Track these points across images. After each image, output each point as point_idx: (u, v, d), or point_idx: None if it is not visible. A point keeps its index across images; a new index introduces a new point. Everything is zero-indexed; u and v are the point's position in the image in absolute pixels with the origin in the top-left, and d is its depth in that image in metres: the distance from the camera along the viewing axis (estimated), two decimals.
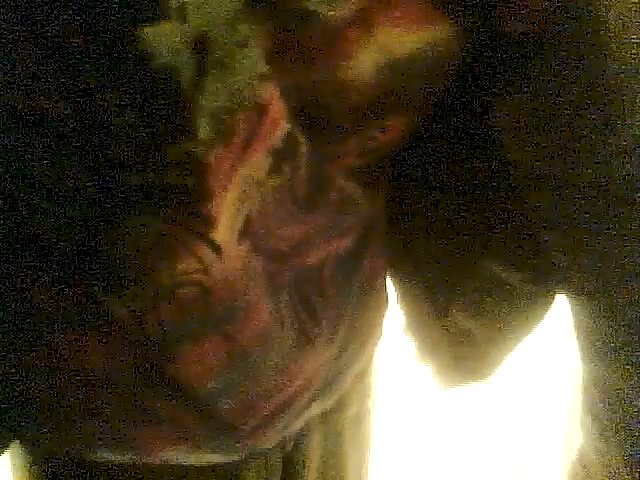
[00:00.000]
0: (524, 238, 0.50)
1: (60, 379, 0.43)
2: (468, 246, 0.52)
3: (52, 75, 0.30)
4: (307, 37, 0.33)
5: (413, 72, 0.37)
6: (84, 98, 0.30)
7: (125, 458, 0.47)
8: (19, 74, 0.30)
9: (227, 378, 0.43)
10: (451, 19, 0.36)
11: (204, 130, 0.32)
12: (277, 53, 0.32)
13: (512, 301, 0.53)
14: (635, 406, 0.43)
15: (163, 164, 0.33)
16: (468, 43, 0.38)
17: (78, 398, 0.44)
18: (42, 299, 0.40)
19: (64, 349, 0.42)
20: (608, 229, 0.41)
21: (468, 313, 0.55)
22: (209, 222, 0.35)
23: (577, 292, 0.44)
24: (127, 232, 0.35)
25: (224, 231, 0.37)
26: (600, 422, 0.45)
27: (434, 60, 0.37)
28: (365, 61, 0.34)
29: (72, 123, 0.31)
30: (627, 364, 0.42)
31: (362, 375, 0.59)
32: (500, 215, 0.50)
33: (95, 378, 0.42)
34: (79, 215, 0.35)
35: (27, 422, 0.48)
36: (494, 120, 0.42)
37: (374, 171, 0.45)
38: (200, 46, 0.30)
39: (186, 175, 0.33)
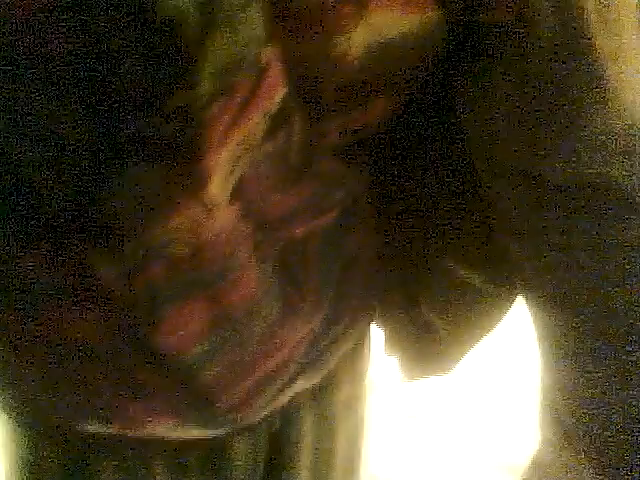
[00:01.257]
0: (486, 241, 0.51)
1: (47, 350, 0.44)
2: (432, 244, 0.53)
3: (63, 14, 0.30)
4: (302, 9, 0.33)
5: (399, 55, 0.38)
6: (92, 40, 0.31)
7: (112, 430, 0.48)
8: (31, 14, 0.30)
9: (211, 343, 0.43)
10: (437, 6, 0.37)
11: (205, 85, 0.32)
12: (274, 20, 0.33)
13: (474, 300, 0.54)
14: (599, 410, 0.43)
15: (162, 114, 0.33)
16: (449, 31, 0.38)
17: (65, 369, 0.44)
18: (30, 268, 0.40)
19: (52, 320, 0.42)
20: (572, 235, 0.41)
21: (433, 307, 0.56)
22: (203, 179, 0.36)
23: (540, 298, 0.45)
24: (122, 184, 0.35)
25: (216, 190, 0.37)
26: (563, 424, 0.45)
27: (419, 45, 0.38)
28: (355, 39, 0.35)
29: (77, 66, 0.31)
30: (590, 370, 0.42)
31: (352, 357, 0.60)
32: (463, 216, 0.51)
33: (82, 349, 0.43)
34: (75, 166, 0.35)
35: (14, 394, 0.49)
36: (464, 110, 0.43)
37: (356, 151, 0.46)
38: (207, 4, 0.31)
39: (183, 128, 0.34)
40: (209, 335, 0.43)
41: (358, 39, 0.35)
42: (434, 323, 0.57)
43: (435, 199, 0.53)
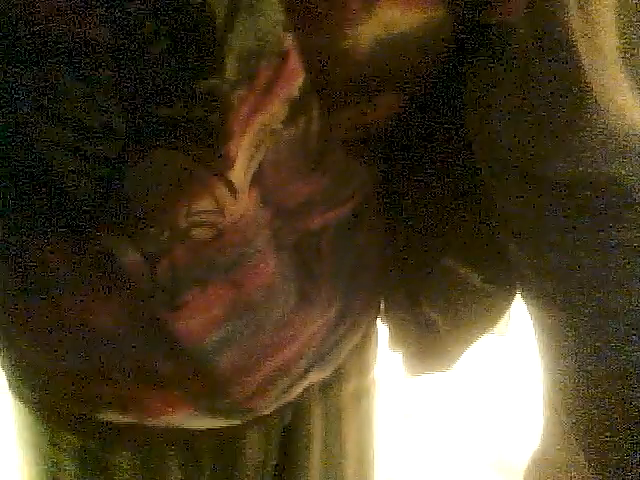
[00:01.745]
0: (485, 241, 0.51)
1: (67, 338, 0.44)
2: (432, 243, 0.54)
3: (98, 2, 0.31)
4: (312, 1, 0.34)
5: (406, 51, 0.38)
6: (123, 25, 0.31)
7: (128, 419, 0.48)
8: (65, 0, 0.30)
9: (229, 329, 0.43)
10: (444, 4, 0.37)
11: (231, 69, 0.33)
12: (287, 9, 0.34)
13: (473, 298, 0.55)
14: (599, 409, 0.43)
15: (190, 98, 0.34)
16: (456, 29, 0.39)
17: (84, 357, 0.45)
18: (51, 256, 0.41)
19: (72, 308, 0.42)
20: (572, 235, 0.41)
21: (433, 306, 0.57)
22: (227, 162, 0.36)
23: (540, 298, 0.45)
24: (148, 168, 0.36)
25: (239, 174, 0.37)
26: (562, 424, 0.46)
27: (426, 42, 0.38)
28: (364, 33, 0.36)
29: (108, 50, 0.32)
30: (590, 370, 0.42)
31: (360, 350, 0.60)
32: (464, 215, 0.52)
33: (102, 336, 0.43)
34: (101, 150, 0.35)
35: (32, 383, 0.49)
36: (467, 109, 0.43)
37: (367, 147, 0.46)
38: None
39: (210, 111, 0.34)
40: (227, 321, 0.43)
41: (367, 33, 0.36)
42: (435, 321, 0.58)
43: (437, 198, 0.53)
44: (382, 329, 0.64)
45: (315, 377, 0.54)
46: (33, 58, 0.32)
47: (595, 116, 0.38)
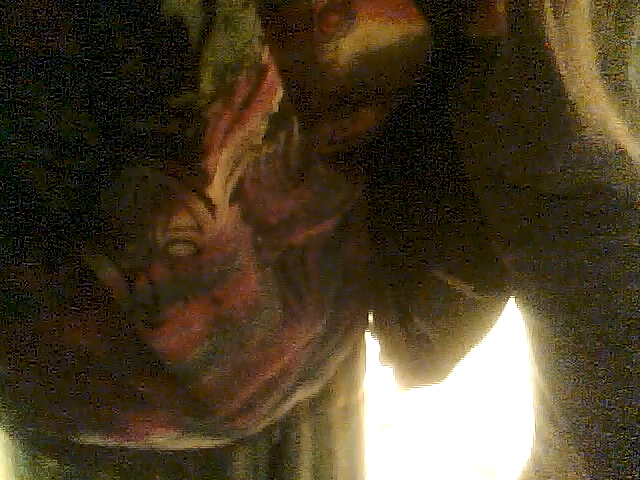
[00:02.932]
0: (474, 251, 0.51)
1: (44, 360, 0.43)
2: (420, 254, 0.54)
3: (68, 15, 0.30)
4: (290, 15, 0.34)
5: (386, 65, 0.38)
6: (95, 39, 0.31)
7: (111, 442, 0.47)
8: (34, 13, 0.30)
9: (212, 345, 0.43)
10: (424, 17, 0.37)
11: (206, 84, 0.33)
12: (267, 23, 0.33)
13: (464, 309, 0.55)
14: (599, 410, 0.43)
15: (164, 113, 0.33)
16: (436, 43, 0.39)
17: (63, 379, 0.44)
18: (27, 274, 0.40)
19: (49, 328, 0.41)
20: (572, 237, 0.42)
21: (424, 318, 0.56)
22: (205, 178, 0.36)
23: (538, 303, 0.45)
24: (125, 183, 0.35)
25: (218, 190, 0.37)
26: (559, 426, 0.46)
27: (406, 55, 0.38)
28: (343, 48, 0.36)
29: (79, 64, 0.31)
30: (590, 370, 0.43)
31: (349, 365, 0.60)
32: (452, 226, 0.52)
33: (80, 357, 0.42)
34: (76, 166, 0.35)
35: (10, 407, 0.48)
36: (456, 121, 0.43)
37: (351, 160, 0.46)
38: (208, 2, 0.31)
39: (185, 127, 0.34)
40: (210, 338, 0.43)
41: (346, 48, 0.36)
42: (426, 334, 0.58)
43: (423, 209, 0.53)
44: (370, 343, 0.63)
45: (303, 394, 0.53)
46: (2, 71, 0.31)
47: (578, 129, 0.38)
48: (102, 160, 0.34)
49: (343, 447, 0.62)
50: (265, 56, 0.34)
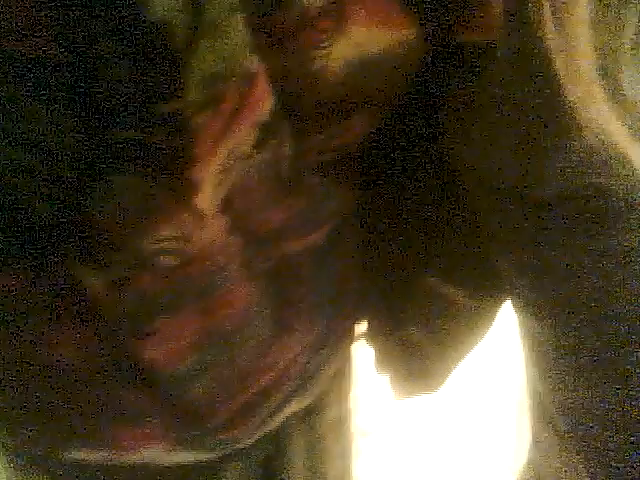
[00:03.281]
0: (466, 257, 0.51)
1: (29, 374, 0.42)
2: (412, 262, 0.54)
3: (51, 20, 0.30)
4: (280, 22, 0.33)
5: (377, 72, 0.38)
6: (80, 46, 0.30)
7: (99, 457, 0.47)
8: (17, 17, 0.29)
9: (201, 357, 0.42)
10: (416, 23, 0.37)
11: (193, 92, 0.32)
12: (256, 30, 0.33)
13: (457, 315, 0.55)
14: (599, 410, 0.43)
15: (150, 121, 0.33)
16: (429, 49, 0.39)
17: (49, 394, 0.43)
18: (11, 286, 0.39)
19: (34, 341, 0.41)
20: (572, 240, 0.42)
21: (418, 325, 0.56)
22: (192, 188, 0.35)
23: (538, 305, 0.45)
24: (111, 192, 0.35)
25: (206, 200, 0.37)
26: (557, 428, 0.46)
27: (398, 62, 0.38)
28: (334, 54, 0.35)
29: (66, 71, 0.31)
30: (590, 370, 0.43)
31: (339, 377, 0.60)
32: (443, 233, 0.52)
33: (66, 371, 0.42)
34: (61, 174, 0.34)
35: None
36: (449, 128, 0.43)
37: (343, 168, 0.46)
38: (196, 6, 0.30)
39: (172, 135, 0.33)
40: (199, 349, 0.42)
41: (337, 54, 0.36)
42: (420, 341, 0.57)
43: (415, 216, 0.53)
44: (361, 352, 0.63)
45: (296, 406, 0.53)
46: None
47: (576, 134, 0.38)
48: (87, 168, 0.34)
49: (335, 458, 0.62)
50: (254, 64, 0.34)
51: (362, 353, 0.63)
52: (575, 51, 0.37)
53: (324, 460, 0.61)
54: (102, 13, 0.29)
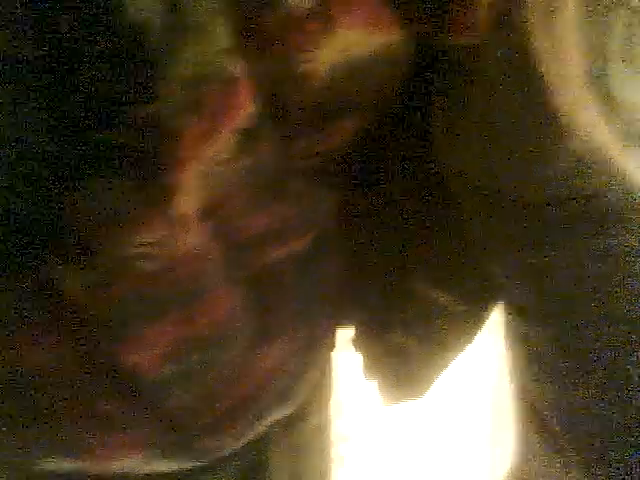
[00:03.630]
0: (455, 262, 0.51)
1: (0, 379, 0.41)
2: (400, 267, 0.54)
3: (26, 18, 0.29)
4: (266, 24, 0.33)
5: (365, 75, 0.38)
6: (56, 46, 0.30)
7: (76, 467, 0.46)
8: None
9: (181, 363, 0.42)
10: (404, 27, 0.37)
11: (172, 96, 0.32)
12: (240, 33, 0.33)
13: (446, 320, 0.55)
14: (598, 411, 0.43)
15: (126, 124, 0.32)
16: (417, 51, 0.39)
17: (22, 402, 0.42)
18: None
19: (6, 345, 0.40)
20: (571, 240, 0.42)
21: (406, 331, 0.56)
22: (171, 192, 0.35)
23: (536, 308, 0.45)
24: (88, 195, 0.34)
25: (186, 205, 0.36)
26: (553, 433, 0.46)
27: (386, 65, 0.38)
28: (321, 57, 0.35)
29: (41, 72, 0.30)
30: (590, 371, 0.43)
31: (322, 383, 0.59)
32: (432, 238, 0.52)
33: (41, 377, 0.41)
34: (38, 177, 0.34)
35: None
36: (437, 131, 0.43)
37: (326, 173, 0.45)
38: (175, 8, 0.30)
39: (150, 139, 0.33)
40: (179, 356, 0.42)
41: (324, 57, 0.35)
42: (408, 347, 0.57)
43: (403, 221, 0.53)
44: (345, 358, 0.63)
45: (278, 413, 0.52)
46: None
47: (563, 140, 0.38)
48: (65, 170, 0.33)
49: (317, 465, 0.62)
50: (237, 68, 0.33)
51: (346, 359, 0.63)
52: (563, 56, 0.37)
53: (306, 467, 0.60)
54: (80, 13, 0.29)
